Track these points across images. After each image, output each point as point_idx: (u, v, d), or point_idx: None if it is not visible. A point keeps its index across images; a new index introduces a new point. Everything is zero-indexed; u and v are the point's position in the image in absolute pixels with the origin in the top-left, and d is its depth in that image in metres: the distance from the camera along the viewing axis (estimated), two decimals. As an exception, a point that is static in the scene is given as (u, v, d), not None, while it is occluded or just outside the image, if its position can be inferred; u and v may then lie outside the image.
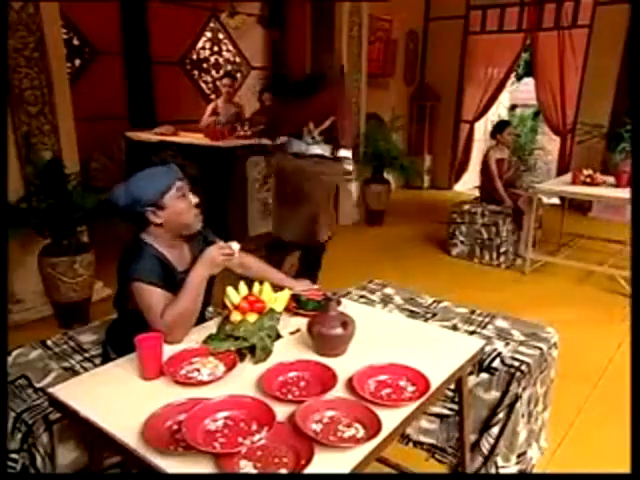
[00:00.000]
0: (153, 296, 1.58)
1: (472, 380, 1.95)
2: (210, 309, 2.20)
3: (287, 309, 1.73)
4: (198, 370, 1.38)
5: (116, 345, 1.81)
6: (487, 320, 2.28)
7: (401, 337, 1.65)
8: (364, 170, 5.65)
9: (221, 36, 6.61)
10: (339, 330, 1.45)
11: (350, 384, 1.31)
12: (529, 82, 8.33)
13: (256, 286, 1.71)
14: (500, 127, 4.71)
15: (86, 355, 1.94)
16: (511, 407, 1.91)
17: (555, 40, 6.47)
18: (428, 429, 2.11)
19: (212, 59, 6.60)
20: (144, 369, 1.37)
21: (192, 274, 1.60)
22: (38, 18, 3.12)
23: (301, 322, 1.64)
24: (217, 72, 6.61)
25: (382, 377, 1.37)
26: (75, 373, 1.79)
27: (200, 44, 6.43)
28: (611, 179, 4.28)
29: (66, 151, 3.37)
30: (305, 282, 1.95)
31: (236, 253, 1.66)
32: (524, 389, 1.91)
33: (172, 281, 1.66)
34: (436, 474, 2.08)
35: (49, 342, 2.02)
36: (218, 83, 6.37)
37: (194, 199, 1.70)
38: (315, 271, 3.50)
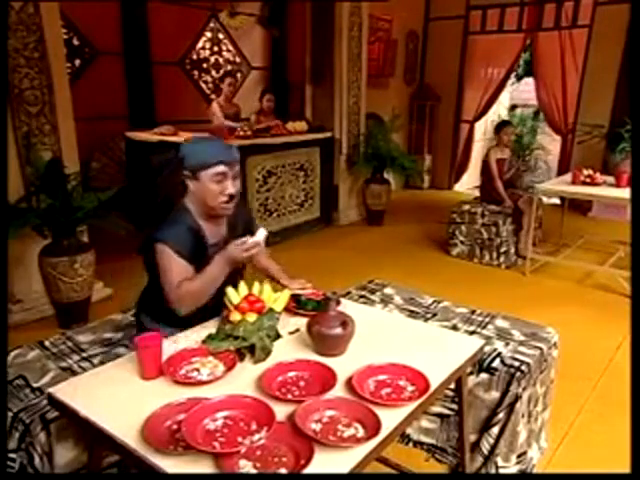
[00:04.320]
0: (174, 265, 1.60)
1: (472, 380, 1.95)
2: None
3: (287, 309, 1.73)
4: (198, 370, 1.38)
5: (151, 311, 1.81)
6: (487, 320, 2.28)
7: (401, 337, 1.65)
8: (364, 170, 5.65)
9: (221, 36, 6.61)
10: (339, 330, 1.45)
11: (350, 384, 1.31)
12: (529, 82, 8.32)
13: (256, 286, 1.71)
14: (500, 127, 4.71)
15: (84, 355, 1.94)
16: (511, 407, 1.91)
17: (555, 40, 6.47)
18: (428, 429, 2.11)
19: (212, 59, 6.60)
20: (143, 369, 1.37)
21: (214, 265, 1.61)
22: (38, 18, 3.12)
23: (301, 322, 1.64)
24: (217, 72, 6.60)
25: (382, 377, 1.37)
26: (73, 373, 1.78)
27: (200, 44, 6.43)
28: (611, 179, 4.28)
29: (66, 151, 3.37)
30: (300, 281, 1.93)
31: (262, 241, 1.61)
32: (524, 389, 1.91)
33: (200, 252, 1.67)
34: (436, 474, 2.07)
35: (47, 342, 2.02)
36: (221, 83, 6.36)
37: (231, 189, 1.69)
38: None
